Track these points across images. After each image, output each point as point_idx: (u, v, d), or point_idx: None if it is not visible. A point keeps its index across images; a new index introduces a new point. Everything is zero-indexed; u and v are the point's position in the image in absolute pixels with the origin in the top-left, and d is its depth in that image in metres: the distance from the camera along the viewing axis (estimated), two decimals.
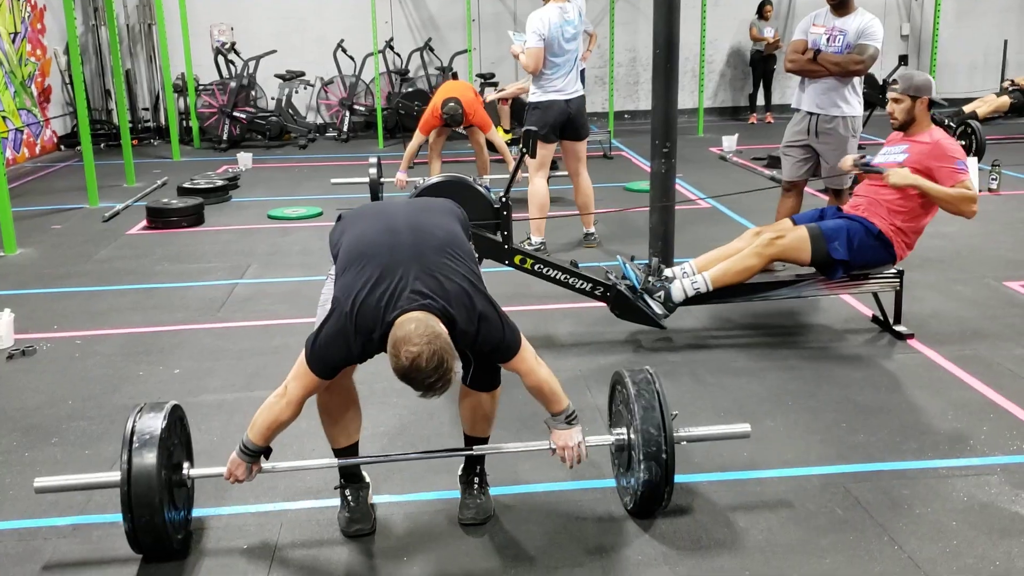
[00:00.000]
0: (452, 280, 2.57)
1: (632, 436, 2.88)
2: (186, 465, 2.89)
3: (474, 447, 2.97)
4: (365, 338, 2.54)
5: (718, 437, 3.11)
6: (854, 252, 4.34)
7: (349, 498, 2.98)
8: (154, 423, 2.72)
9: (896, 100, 4.45)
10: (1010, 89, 10.12)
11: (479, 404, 2.93)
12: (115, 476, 2.68)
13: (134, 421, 2.73)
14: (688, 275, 4.42)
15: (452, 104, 7.19)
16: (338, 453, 2.99)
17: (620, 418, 3.04)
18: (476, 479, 3.03)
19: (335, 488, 3.02)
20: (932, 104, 4.47)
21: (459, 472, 3.09)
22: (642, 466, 2.81)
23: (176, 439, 2.84)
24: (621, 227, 6.74)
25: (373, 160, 7.63)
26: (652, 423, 2.83)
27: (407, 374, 2.42)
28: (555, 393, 2.80)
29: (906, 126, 4.47)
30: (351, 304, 2.53)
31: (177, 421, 2.88)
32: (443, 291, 2.54)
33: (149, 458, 2.64)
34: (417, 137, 7.54)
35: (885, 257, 4.42)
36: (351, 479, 3.01)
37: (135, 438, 2.68)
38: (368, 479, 3.07)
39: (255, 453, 2.78)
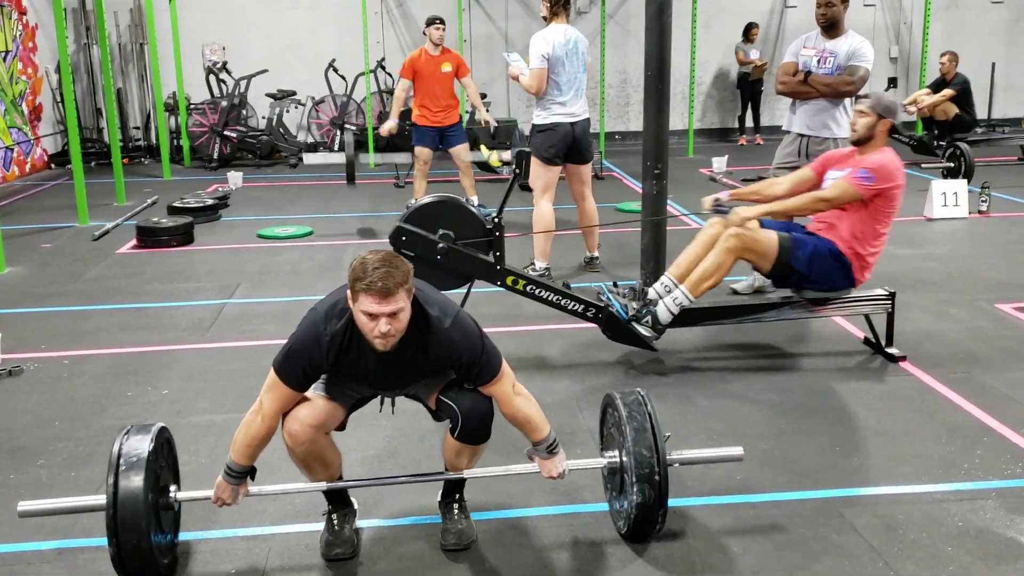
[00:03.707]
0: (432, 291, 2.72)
1: (624, 459, 2.85)
2: (173, 488, 2.85)
3: (464, 471, 2.92)
4: (333, 327, 2.57)
5: (711, 460, 3.09)
6: (814, 267, 4.31)
7: (335, 522, 2.95)
8: (141, 445, 2.69)
9: (862, 113, 4.39)
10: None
11: (464, 450, 2.88)
12: (101, 500, 2.64)
13: (121, 443, 2.69)
14: (670, 290, 4.38)
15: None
16: (326, 491, 2.94)
17: (612, 441, 3.01)
18: (456, 505, 3.01)
19: (322, 514, 2.99)
20: (893, 130, 4.46)
21: (438, 498, 3.05)
22: (635, 489, 2.78)
23: (163, 462, 2.80)
24: (618, 250, 6.72)
25: (349, 138, 7.56)
26: (644, 445, 2.80)
27: (353, 270, 2.48)
28: (532, 422, 2.78)
29: (862, 142, 4.41)
30: (323, 303, 2.64)
31: (164, 443, 2.84)
32: (421, 286, 2.65)
33: (136, 481, 2.60)
34: (401, 83, 7.65)
35: (843, 281, 4.39)
36: (338, 505, 2.98)
37: (121, 461, 2.64)
38: (356, 505, 3.04)
39: (240, 474, 2.76)
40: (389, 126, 7.67)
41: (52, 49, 10.99)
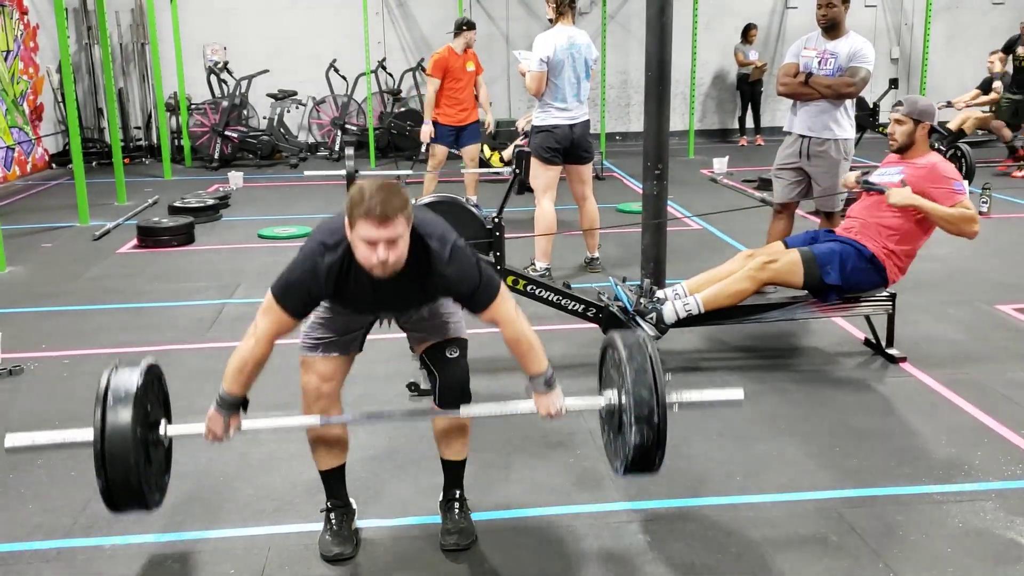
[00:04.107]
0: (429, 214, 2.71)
1: (623, 399, 2.71)
2: (163, 423, 2.75)
3: (461, 411, 2.83)
4: (331, 257, 2.54)
5: (711, 403, 2.96)
6: (847, 276, 4.32)
7: (333, 522, 2.95)
8: (130, 379, 2.58)
9: (899, 122, 4.43)
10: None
11: (452, 426, 2.89)
12: (89, 433, 2.53)
13: (109, 377, 2.59)
14: (680, 296, 4.40)
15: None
16: (324, 476, 2.96)
17: (611, 381, 2.87)
18: (456, 504, 3.00)
19: (320, 511, 2.99)
20: (932, 131, 4.47)
21: (439, 499, 3.05)
22: (634, 429, 2.64)
23: (153, 397, 2.70)
24: (620, 249, 6.72)
25: (349, 152, 7.62)
26: (644, 385, 2.67)
27: (351, 198, 2.45)
28: (534, 350, 2.72)
29: (904, 149, 4.45)
30: (320, 232, 2.61)
31: (155, 379, 2.75)
32: (419, 215, 2.61)
33: (124, 415, 2.49)
34: (432, 82, 7.69)
35: (877, 281, 4.40)
36: (337, 503, 2.98)
37: (110, 394, 2.54)
38: (355, 505, 3.04)
39: (231, 404, 2.69)
40: (428, 130, 7.69)
41: (53, 49, 10.98)
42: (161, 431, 2.73)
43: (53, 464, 3.51)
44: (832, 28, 5.15)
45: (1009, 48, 9.99)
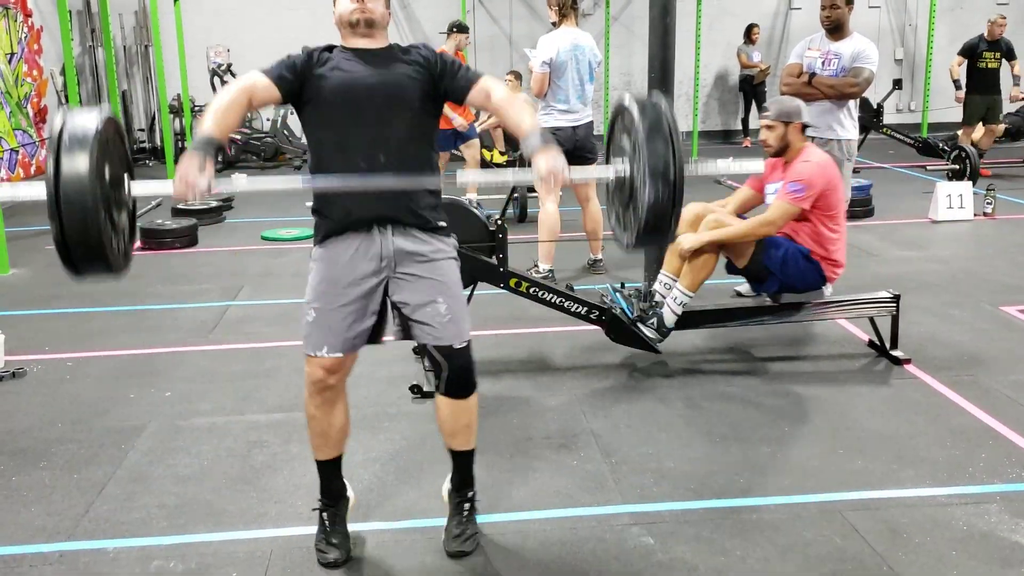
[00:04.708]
0: None
1: (637, 156, 2.55)
2: (126, 179, 2.58)
3: (458, 177, 2.83)
4: (318, 47, 2.74)
5: (729, 173, 2.83)
6: (787, 268, 4.32)
7: (326, 523, 2.91)
8: (88, 124, 2.36)
9: (769, 127, 4.41)
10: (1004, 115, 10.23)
11: (458, 412, 2.84)
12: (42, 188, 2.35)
13: (63, 121, 2.36)
14: (670, 287, 4.40)
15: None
16: (321, 466, 2.91)
17: (621, 150, 2.71)
18: (467, 504, 2.96)
19: (313, 510, 2.95)
20: (805, 127, 4.44)
21: (446, 492, 3.00)
22: (647, 187, 2.48)
23: (115, 149, 2.52)
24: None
25: None
26: (660, 139, 2.50)
27: None
28: (527, 108, 2.75)
29: (781, 152, 4.44)
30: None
31: (115, 132, 2.54)
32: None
33: (82, 158, 2.29)
34: None
35: (816, 279, 4.41)
36: (331, 498, 2.93)
37: (65, 137, 2.31)
38: (351, 492, 3.00)
39: (206, 142, 2.52)
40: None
41: (57, 51, 11.00)
42: (124, 189, 2.57)
43: (56, 466, 3.51)
44: (836, 29, 5.15)
45: (970, 52, 9.93)
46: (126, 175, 2.58)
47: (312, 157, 2.81)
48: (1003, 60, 9.92)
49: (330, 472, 2.93)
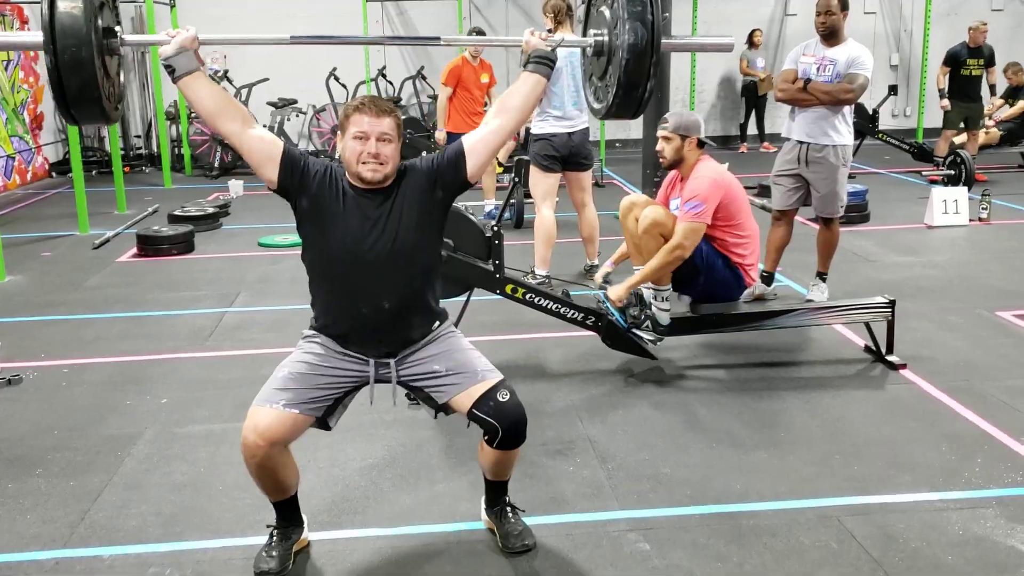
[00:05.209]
0: None
1: (615, 17, 2.65)
2: (119, 30, 2.67)
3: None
4: (330, 162, 2.72)
5: (702, 47, 3.02)
6: (713, 271, 4.38)
7: (274, 540, 2.85)
8: None
9: (666, 139, 4.39)
10: (999, 123, 10.26)
11: (512, 458, 2.85)
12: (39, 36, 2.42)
13: None
14: (647, 287, 4.41)
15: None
16: (277, 505, 2.85)
17: (600, 20, 2.80)
18: (509, 509, 2.98)
19: (268, 526, 2.90)
20: (701, 144, 4.42)
21: (485, 514, 3.01)
22: (627, 28, 2.56)
23: (107, 2, 2.64)
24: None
25: None
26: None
27: (344, 107, 2.60)
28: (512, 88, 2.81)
29: (675, 165, 4.45)
30: None
31: None
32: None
33: (76, 5, 2.40)
34: (443, 90, 7.87)
35: (736, 287, 4.48)
36: (285, 522, 2.88)
37: None
38: (304, 522, 2.93)
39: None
40: (442, 136, 7.92)
41: None
42: (116, 39, 2.63)
43: (52, 474, 3.51)
44: (831, 35, 5.16)
45: (954, 60, 9.96)
46: (118, 28, 2.64)
47: (309, 274, 2.81)
48: (986, 68, 9.98)
49: (287, 508, 2.88)
